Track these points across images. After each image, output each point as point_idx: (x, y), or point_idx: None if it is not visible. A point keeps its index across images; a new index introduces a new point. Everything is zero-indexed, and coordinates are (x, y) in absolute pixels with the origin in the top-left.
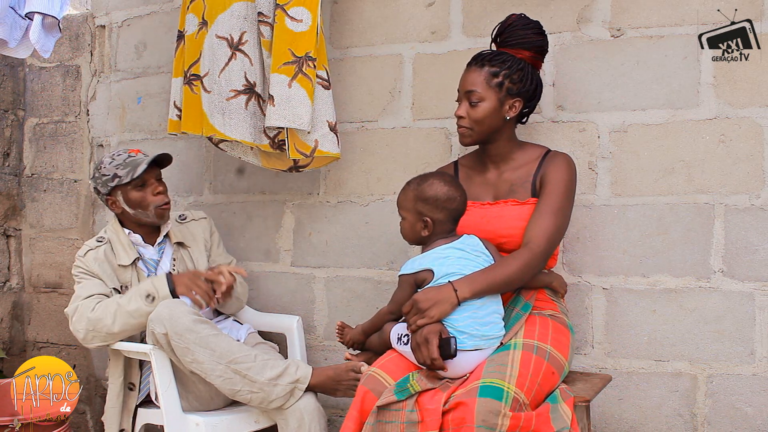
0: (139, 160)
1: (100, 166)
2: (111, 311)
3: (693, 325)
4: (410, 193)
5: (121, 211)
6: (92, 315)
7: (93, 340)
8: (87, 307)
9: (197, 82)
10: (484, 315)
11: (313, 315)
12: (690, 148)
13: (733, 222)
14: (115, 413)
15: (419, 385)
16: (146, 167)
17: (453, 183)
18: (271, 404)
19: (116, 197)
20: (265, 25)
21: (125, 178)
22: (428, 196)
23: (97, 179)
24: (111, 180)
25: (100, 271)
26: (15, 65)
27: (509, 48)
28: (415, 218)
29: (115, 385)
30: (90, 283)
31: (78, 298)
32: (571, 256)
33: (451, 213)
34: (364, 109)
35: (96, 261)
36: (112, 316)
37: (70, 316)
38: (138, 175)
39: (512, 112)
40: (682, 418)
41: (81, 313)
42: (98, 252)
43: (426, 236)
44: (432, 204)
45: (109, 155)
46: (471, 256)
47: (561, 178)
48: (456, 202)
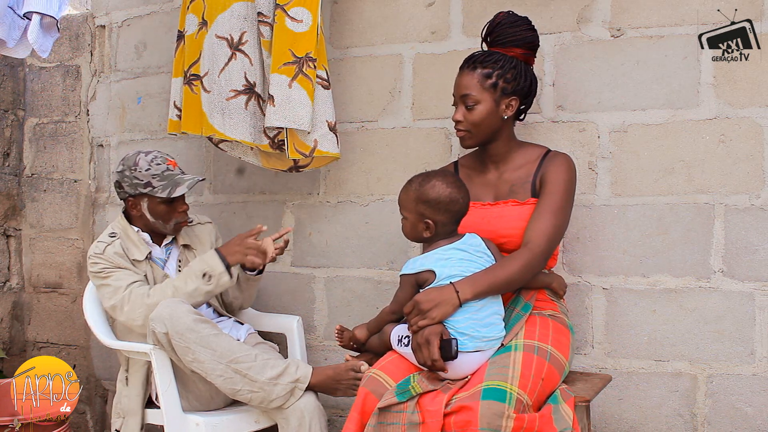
0: (178, 179)
1: (134, 167)
2: (169, 294)
3: (693, 325)
4: (412, 194)
5: (139, 214)
6: (150, 300)
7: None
8: (140, 294)
9: (197, 82)
10: (484, 316)
11: (313, 315)
12: (690, 148)
13: (733, 222)
14: (137, 404)
15: (420, 387)
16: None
17: (456, 183)
18: (272, 404)
19: (140, 202)
20: (264, 25)
21: (160, 192)
22: (430, 198)
23: (126, 178)
24: (143, 187)
25: (125, 263)
26: (15, 65)
27: (500, 47)
28: (417, 219)
29: (139, 374)
30: (122, 274)
31: (119, 290)
32: (571, 256)
33: (453, 215)
34: (364, 109)
35: (117, 255)
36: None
37: (119, 308)
38: (175, 195)
39: (509, 112)
40: (682, 418)
41: (134, 301)
42: (115, 246)
43: (426, 234)
44: (434, 206)
45: (147, 159)
46: (473, 257)
47: (561, 178)
48: (459, 204)
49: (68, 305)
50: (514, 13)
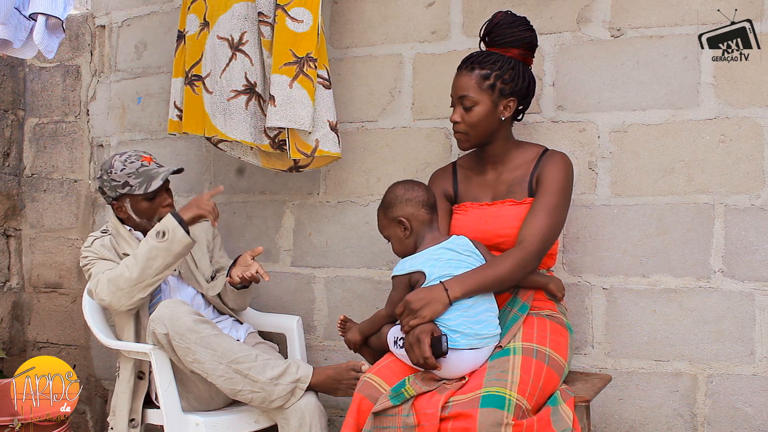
0: (153, 173)
1: (110, 170)
2: (126, 264)
3: (693, 325)
4: (380, 212)
5: (126, 216)
6: (110, 275)
7: (120, 299)
8: (104, 274)
9: (199, 83)
10: (476, 314)
11: (313, 315)
12: (690, 148)
13: (733, 222)
14: (125, 400)
15: (414, 389)
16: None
17: (408, 180)
18: (272, 404)
19: (124, 203)
20: (265, 25)
21: (137, 189)
22: (388, 200)
23: (105, 182)
24: (121, 187)
25: (110, 255)
26: (15, 65)
27: (498, 47)
28: (395, 227)
29: (127, 370)
30: (103, 264)
31: (96, 275)
32: (571, 256)
33: (418, 204)
34: (364, 109)
35: (104, 247)
36: (127, 267)
37: (93, 291)
38: (152, 190)
39: (507, 113)
40: (682, 418)
41: (99, 281)
42: (104, 240)
43: (410, 238)
44: (396, 204)
45: (121, 160)
46: (462, 257)
47: (556, 177)
48: (415, 191)
49: (68, 305)
50: (512, 13)
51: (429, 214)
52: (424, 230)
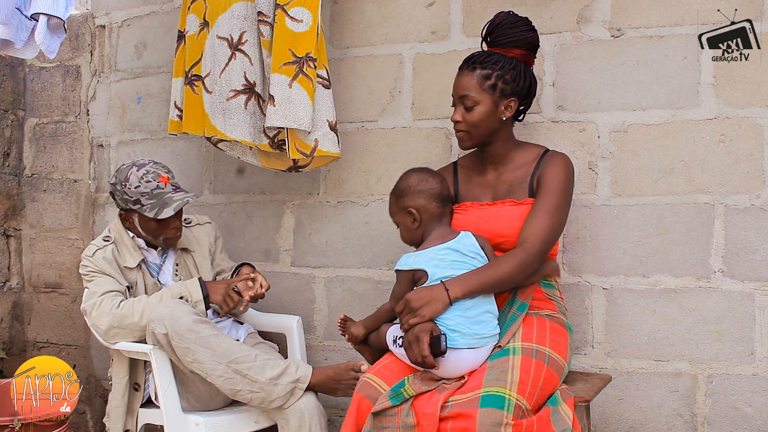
0: (167, 198)
1: (125, 182)
2: (138, 309)
3: (693, 325)
4: (391, 198)
5: (131, 226)
6: (118, 312)
7: (115, 336)
8: (110, 303)
9: (198, 83)
10: (475, 314)
11: (313, 315)
12: (690, 148)
13: (733, 222)
14: (120, 413)
15: (413, 389)
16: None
17: (424, 169)
18: (272, 404)
19: (132, 216)
20: (264, 24)
21: (148, 212)
22: (402, 187)
23: (117, 192)
24: (133, 203)
25: (110, 269)
26: (15, 65)
27: (499, 47)
28: (404, 216)
29: (120, 385)
30: (103, 280)
31: (94, 295)
32: (571, 256)
33: (430, 196)
34: (364, 109)
35: (105, 260)
36: (139, 313)
37: (88, 312)
38: (162, 217)
39: (508, 113)
40: (682, 418)
41: (102, 309)
42: (106, 251)
43: (419, 229)
44: (409, 194)
45: (138, 175)
46: (466, 258)
47: (557, 177)
48: (430, 183)
49: (68, 305)
50: (514, 14)
51: (440, 208)
52: (433, 223)
